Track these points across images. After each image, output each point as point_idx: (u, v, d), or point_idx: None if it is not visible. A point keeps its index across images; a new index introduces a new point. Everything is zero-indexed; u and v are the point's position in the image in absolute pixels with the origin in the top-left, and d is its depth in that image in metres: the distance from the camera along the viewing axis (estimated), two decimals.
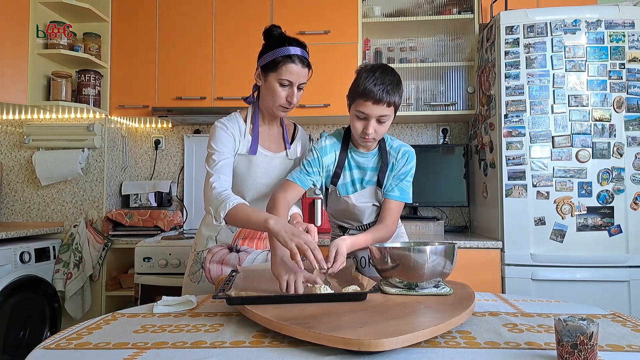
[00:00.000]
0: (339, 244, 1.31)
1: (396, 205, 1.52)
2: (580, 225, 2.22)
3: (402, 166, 1.52)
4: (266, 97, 1.50)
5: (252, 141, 1.52)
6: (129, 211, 2.76)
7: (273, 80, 1.45)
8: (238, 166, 1.51)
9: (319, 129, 3.14)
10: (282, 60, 1.42)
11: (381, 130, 1.43)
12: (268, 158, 1.54)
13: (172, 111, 2.79)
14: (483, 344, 0.92)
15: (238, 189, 1.52)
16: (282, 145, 1.61)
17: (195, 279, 1.57)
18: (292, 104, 1.48)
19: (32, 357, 0.88)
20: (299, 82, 1.46)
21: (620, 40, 2.24)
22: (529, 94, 2.28)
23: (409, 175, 1.53)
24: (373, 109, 1.37)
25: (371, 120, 1.39)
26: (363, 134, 1.42)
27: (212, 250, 1.56)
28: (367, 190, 1.54)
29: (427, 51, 2.99)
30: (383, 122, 1.41)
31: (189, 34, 2.83)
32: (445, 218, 2.99)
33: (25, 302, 2.41)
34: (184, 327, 1.05)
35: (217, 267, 1.54)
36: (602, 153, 2.23)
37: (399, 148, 1.53)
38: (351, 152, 1.54)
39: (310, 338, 0.88)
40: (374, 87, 1.35)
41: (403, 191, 1.52)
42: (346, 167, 1.55)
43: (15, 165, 2.89)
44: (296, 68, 1.43)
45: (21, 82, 2.57)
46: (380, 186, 1.52)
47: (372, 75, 1.37)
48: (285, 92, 1.45)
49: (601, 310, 1.20)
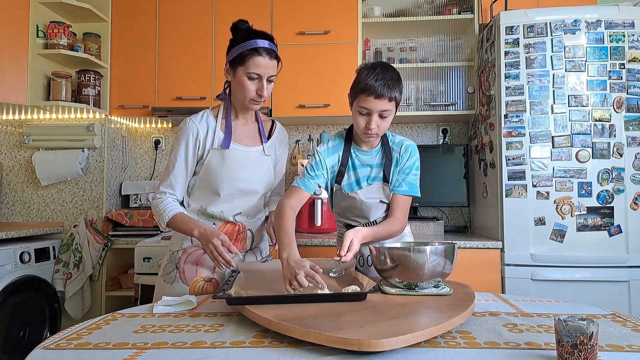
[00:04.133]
0: (353, 233, 1.35)
1: (405, 199, 1.54)
2: (580, 225, 2.22)
3: (406, 160, 1.54)
4: (236, 92, 1.50)
5: (224, 136, 1.52)
6: (129, 211, 2.76)
7: (241, 74, 1.45)
8: (211, 161, 1.49)
9: (319, 129, 3.14)
10: (249, 53, 1.42)
11: (383, 125, 1.45)
12: (243, 152, 1.53)
13: (172, 111, 2.79)
14: (483, 344, 0.92)
15: (212, 185, 1.50)
16: (258, 140, 1.60)
17: (169, 280, 1.53)
18: (262, 97, 1.48)
19: (32, 357, 0.88)
20: (267, 75, 1.46)
21: (620, 40, 2.24)
22: (529, 94, 2.28)
23: (414, 168, 1.55)
24: (375, 104, 1.40)
25: (373, 116, 1.42)
26: (366, 130, 1.44)
27: (187, 250, 1.53)
28: (374, 186, 1.55)
29: (427, 51, 2.99)
30: (385, 117, 1.44)
31: (189, 34, 2.83)
32: (445, 218, 2.99)
33: (25, 302, 2.41)
34: (184, 327, 1.05)
35: (192, 268, 1.52)
36: (602, 153, 2.23)
37: (401, 143, 1.56)
38: (354, 150, 1.56)
39: (310, 338, 0.88)
40: (375, 83, 1.39)
41: (411, 185, 1.54)
42: (350, 166, 1.56)
43: (15, 165, 2.89)
44: (264, 61, 1.43)
45: (21, 82, 2.57)
46: (386, 181, 1.53)
47: (372, 72, 1.41)
48: (254, 86, 1.46)
49: (601, 310, 1.20)
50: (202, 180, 1.52)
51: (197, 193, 1.54)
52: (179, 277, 1.51)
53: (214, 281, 1.52)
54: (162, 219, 1.46)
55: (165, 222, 1.46)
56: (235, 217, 1.54)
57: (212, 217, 1.53)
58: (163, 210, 1.46)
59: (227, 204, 1.52)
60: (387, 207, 1.58)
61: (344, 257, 1.28)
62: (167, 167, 1.52)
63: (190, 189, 1.56)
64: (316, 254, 2.36)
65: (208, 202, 1.52)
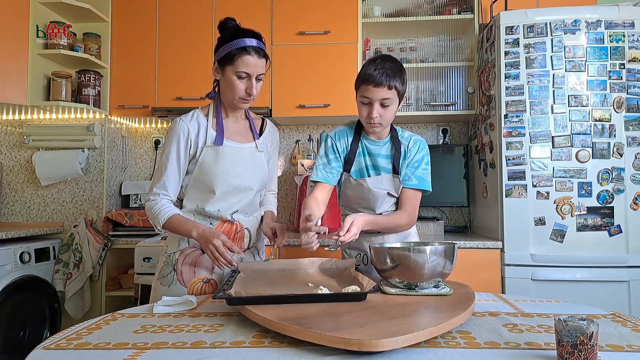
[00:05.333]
0: (356, 217, 1.38)
1: (414, 193, 1.55)
2: (580, 225, 2.22)
3: (414, 154, 1.56)
4: (225, 91, 1.50)
5: (217, 133, 1.51)
6: (129, 211, 2.76)
7: (230, 73, 1.45)
8: (205, 159, 1.49)
9: (319, 129, 3.14)
10: (237, 52, 1.42)
11: (386, 115, 1.48)
12: (236, 148, 1.52)
13: (172, 111, 2.79)
14: (483, 344, 0.92)
15: (206, 183, 1.49)
16: (250, 137, 1.60)
17: (165, 282, 1.52)
18: (252, 96, 1.48)
19: (32, 357, 0.88)
20: (256, 74, 1.46)
21: (620, 40, 2.24)
22: (529, 94, 2.28)
23: (423, 162, 1.56)
24: (374, 93, 1.44)
25: (374, 104, 1.45)
26: (368, 119, 1.48)
27: (184, 251, 1.52)
28: (383, 177, 1.55)
29: (427, 51, 2.99)
30: (387, 107, 1.46)
31: (189, 34, 2.83)
32: (445, 218, 2.99)
33: (25, 302, 2.41)
34: (184, 327, 1.05)
35: (190, 270, 1.51)
36: (602, 153, 2.23)
37: (410, 137, 1.59)
38: (364, 139, 1.59)
39: (310, 338, 0.88)
40: (374, 72, 1.44)
41: (421, 179, 1.55)
42: (360, 153, 1.59)
43: (15, 165, 2.89)
44: (252, 60, 1.43)
45: (21, 82, 2.57)
46: (396, 173, 1.54)
47: (373, 63, 1.46)
48: (243, 85, 1.46)
49: (601, 310, 1.20)
50: (196, 179, 1.51)
51: (192, 193, 1.53)
52: (177, 279, 1.51)
53: (212, 282, 1.52)
54: (157, 221, 1.45)
55: (161, 224, 1.45)
56: (233, 216, 1.54)
57: (209, 217, 1.52)
58: (158, 212, 1.45)
59: (223, 202, 1.51)
60: (396, 202, 1.58)
61: (342, 237, 1.33)
62: (158, 168, 1.52)
63: (184, 189, 1.54)
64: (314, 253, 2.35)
65: (204, 201, 1.51)
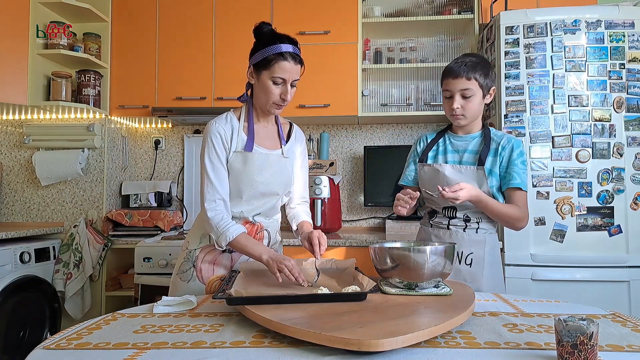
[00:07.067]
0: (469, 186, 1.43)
1: (521, 194, 1.53)
2: (580, 225, 2.22)
3: (510, 152, 1.55)
4: (260, 95, 1.50)
5: (247, 138, 1.52)
6: (129, 211, 2.76)
7: (266, 78, 1.45)
8: (234, 163, 1.50)
9: (319, 129, 3.14)
10: (274, 58, 1.42)
11: (468, 106, 1.52)
12: (264, 155, 1.53)
13: (172, 111, 2.79)
14: (483, 344, 0.92)
15: (235, 187, 1.51)
16: (277, 143, 1.61)
17: (185, 278, 1.54)
18: (286, 101, 1.49)
19: (32, 357, 0.88)
20: (292, 79, 1.46)
21: (620, 40, 2.24)
22: (529, 94, 2.28)
23: (520, 162, 1.54)
24: (454, 84, 1.51)
25: (455, 96, 1.52)
26: (450, 110, 1.55)
27: (204, 249, 1.55)
28: (463, 167, 1.56)
29: (427, 51, 2.99)
30: (468, 97, 1.51)
31: (189, 34, 2.83)
32: None
33: (25, 302, 2.41)
34: (184, 327, 1.05)
35: (209, 268, 1.53)
36: (602, 153, 2.23)
37: (503, 136, 1.60)
38: (448, 136, 1.66)
39: (310, 338, 0.88)
40: (453, 65, 1.53)
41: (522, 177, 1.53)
42: (439, 144, 1.66)
43: (15, 165, 2.89)
44: (289, 65, 1.44)
45: (21, 82, 2.57)
46: (481, 165, 1.53)
47: (455, 60, 1.55)
48: (279, 90, 1.46)
49: (601, 310, 1.20)
50: None
51: None
52: (196, 275, 1.53)
53: None
54: (222, 239, 1.43)
55: (227, 242, 1.43)
56: (255, 217, 1.56)
57: (232, 218, 1.52)
58: (225, 230, 1.42)
59: (247, 206, 1.53)
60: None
61: (445, 192, 1.38)
62: (204, 173, 1.49)
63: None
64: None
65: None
